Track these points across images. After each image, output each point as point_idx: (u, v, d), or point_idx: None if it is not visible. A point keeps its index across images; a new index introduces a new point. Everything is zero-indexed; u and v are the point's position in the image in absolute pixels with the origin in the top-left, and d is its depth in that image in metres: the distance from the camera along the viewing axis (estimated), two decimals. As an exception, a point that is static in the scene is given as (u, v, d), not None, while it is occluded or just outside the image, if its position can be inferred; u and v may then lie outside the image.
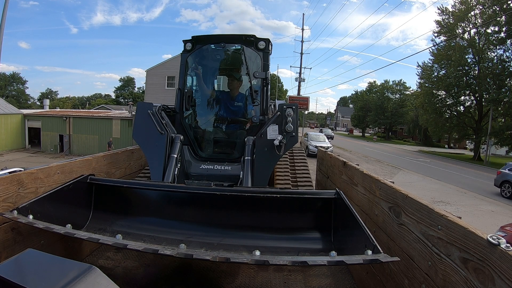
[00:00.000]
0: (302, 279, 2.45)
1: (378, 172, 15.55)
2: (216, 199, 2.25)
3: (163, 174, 2.89)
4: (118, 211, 2.42)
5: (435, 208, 1.46)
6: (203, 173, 3.24)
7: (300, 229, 2.21)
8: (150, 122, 3.04)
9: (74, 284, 0.74)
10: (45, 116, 27.02)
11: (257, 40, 3.31)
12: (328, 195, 2.17)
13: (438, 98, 31.03)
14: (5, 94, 54.08)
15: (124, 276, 2.35)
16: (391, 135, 57.69)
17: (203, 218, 2.33)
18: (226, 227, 2.21)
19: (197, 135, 3.51)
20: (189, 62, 3.49)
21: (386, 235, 1.92)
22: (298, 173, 3.97)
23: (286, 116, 2.95)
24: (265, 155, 2.95)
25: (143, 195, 2.45)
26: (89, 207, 2.40)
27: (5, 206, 1.82)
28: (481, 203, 11.38)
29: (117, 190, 2.43)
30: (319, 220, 2.20)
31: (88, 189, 2.40)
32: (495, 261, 1.07)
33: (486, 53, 26.73)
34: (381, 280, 1.91)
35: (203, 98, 3.73)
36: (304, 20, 35.33)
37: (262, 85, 3.32)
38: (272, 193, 2.23)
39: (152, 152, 3.02)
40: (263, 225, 2.23)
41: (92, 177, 2.41)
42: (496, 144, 27.12)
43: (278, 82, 51.40)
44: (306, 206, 2.24)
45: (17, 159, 21.15)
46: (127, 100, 56.66)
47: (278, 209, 2.24)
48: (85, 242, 2.50)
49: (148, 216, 2.38)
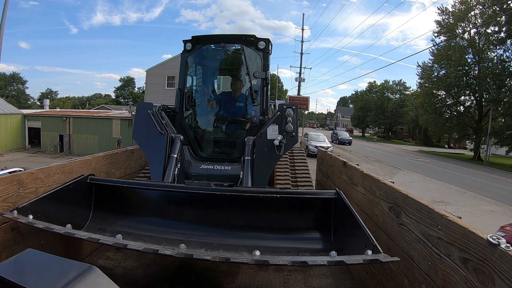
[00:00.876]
0: (302, 279, 2.44)
1: (378, 172, 15.55)
2: (216, 199, 2.25)
3: (163, 174, 2.88)
4: (118, 211, 2.42)
5: (435, 208, 1.46)
6: (203, 173, 3.24)
7: (300, 229, 2.21)
8: (150, 122, 3.04)
9: (74, 284, 0.74)
10: (45, 116, 27.02)
11: (257, 40, 3.31)
12: (328, 195, 2.17)
13: (438, 98, 31.04)
14: (5, 94, 54.09)
15: (124, 276, 2.35)
16: (391, 135, 57.70)
17: (203, 218, 2.32)
18: (226, 227, 2.20)
19: (197, 135, 3.50)
20: (189, 62, 3.49)
21: (386, 235, 1.92)
22: (298, 173, 3.97)
23: (286, 116, 2.94)
24: (265, 155, 2.95)
25: (143, 195, 2.45)
26: (89, 207, 2.40)
27: (5, 206, 1.82)
28: (481, 203, 11.37)
29: (117, 190, 2.43)
30: (319, 220, 2.20)
31: (88, 189, 2.40)
32: (495, 261, 1.07)
33: (486, 53, 26.74)
34: (381, 280, 1.91)
35: (203, 98, 3.73)
36: (304, 20, 35.35)
37: (262, 85, 3.33)
38: (272, 193, 2.22)
39: (152, 152, 3.01)
40: (263, 225, 2.23)
41: (92, 177, 2.41)
42: (496, 144, 27.13)
43: (278, 82, 51.41)
44: (306, 206, 2.24)
45: (17, 159, 21.14)
46: (127, 100, 56.66)
47: (278, 209, 2.23)
48: (85, 242, 2.49)
49: (148, 216, 2.37)
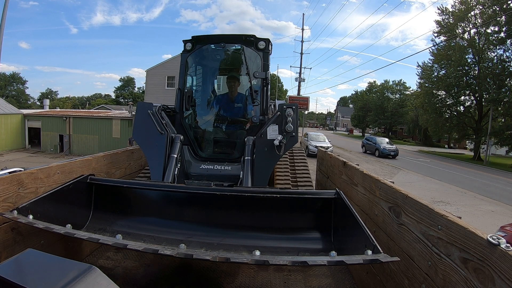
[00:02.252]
0: (302, 279, 2.44)
1: (378, 172, 15.55)
2: (216, 199, 2.25)
3: (163, 174, 2.89)
4: (118, 211, 2.42)
5: (435, 208, 1.46)
6: (203, 173, 3.25)
7: (300, 229, 2.21)
8: (150, 122, 3.04)
9: (74, 284, 0.73)
10: (45, 116, 27.00)
11: (257, 40, 3.31)
12: (328, 195, 2.17)
13: (438, 98, 30.99)
14: (5, 94, 54.04)
15: (124, 276, 2.35)
16: (391, 135, 57.58)
17: (203, 218, 2.33)
18: (226, 227, 2.20)
19: (197, 135, 3.52)
20: (189, 62, 3.50)
21: (386, 235, 1.92)
22: (298, 173, 3.97)
23: (286, 116, 2.95)
24: (265, 155, 2.95)
25: (143, 195, 2.45)
26: (89, 207, 2.40)
27: (5, 206, 1.82)
28: (481, 203, 11.36)
29: (117, 190, 2.43)
30: (319, 220, 2.20)
31: (88, 189, 2.40)
32: (495, 261, 1.06)
33: (486, 53, 26.69)
34: (381, 280, 1.91)
35: (203, 98, 3.73)
36: (304, 20, 35.39)
37: (262, 85, 3.33)
38: (272, 193, 2.22)
39: (152, 152, 3.02)
40: (263, 225, 2.23)
41: (92, 177, 2.42)
42: (496, 144, 27.10)
43: (278, 82, 51.40)
44: (306, 206, 2.24)
45: (17, 159, 21.13)
46: (127, 100, 56.63)
47: (278, 209, 2.23)
48: (85, 242, 2.49)
49: (148, 216, 2.37)
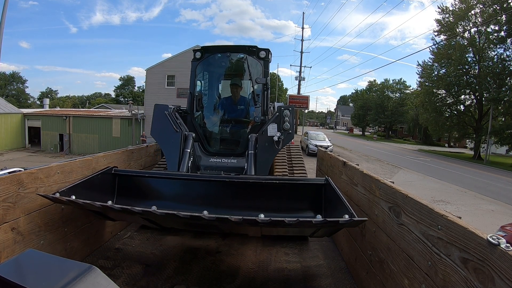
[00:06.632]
0: (302, 279, 2.45)
1: (378, 171, 15.57)
2: (226, 185, 2.68)
3: (178, 166, 3.27)
4: (139, 198, 2.76)
5: (435, 208, 1.46)
6: (212, 165, 3.64)
7: (295, 210, 2.60)
8: (167, 121, 3.47)
9: (74, 284, 0.73)
10: (45, 116, 27.04)
11: (258, 50, 3.78)
12: (319, 182, 2.60)
13: (438, 97, 30.98)
14: (5, 93, 54.03)
15: (124, 276, 2.36)
16: (391, 134, 57.68)
17: (215, 201, 2.71)
18: (234, 209, 2.50)
19: (206, 133, 3.94)
20: (198, 69, 3.95)
21: (386, 235, 1.92)
22: (294, 164, 4.44)
23: (283, 116, 3.41)
24: (266, 149, 3.38)
25: (161, 184, 2.84)
26: (112, 194, 2.77)
27: (5, 206, 1.82)
28: (481, 202, 11.37)
29: (138, 179, 2.86)
30: (312, 202, 2.59)
31: (112, 179, 2.78)
32: (495, 261, 1.06)
33: (486, 52, 26.67)
34: (381, 280, 1.91)
35: (211, 100, 4.21)
36: (304, 19, 35.42)
37: (263, 89, 3.80)
38: (272, 180, 2.74)
39: (168, 147, 3.44)
40: (265, 206, 2.54)
41: (116, 169, 2.82)
42: (496, 143, 27.11)
43: (278, 81, 51.37)
44: (301, 190, 2.67)
45: (17, 159, 21.16)
46: (127, 99, 56.55)
47: (277, 193, 2.65)
48: (85, 243, 2.56)
49: (166, 201, 2.74)
